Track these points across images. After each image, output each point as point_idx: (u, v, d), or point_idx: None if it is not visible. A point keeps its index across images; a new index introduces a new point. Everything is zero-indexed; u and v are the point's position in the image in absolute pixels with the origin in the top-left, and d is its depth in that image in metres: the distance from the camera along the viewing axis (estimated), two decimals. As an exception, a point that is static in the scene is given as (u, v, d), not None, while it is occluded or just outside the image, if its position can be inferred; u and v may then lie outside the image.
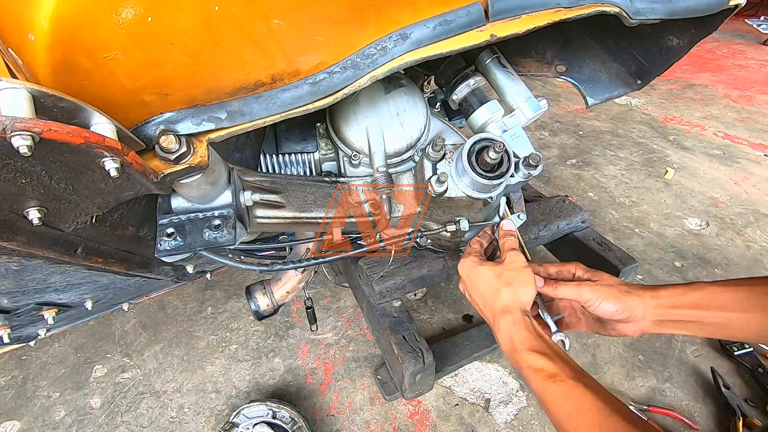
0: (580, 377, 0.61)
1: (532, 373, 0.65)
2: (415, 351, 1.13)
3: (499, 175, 0.80)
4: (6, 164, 0.42)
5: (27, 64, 0.49)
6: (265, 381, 1.38)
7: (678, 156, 2.53)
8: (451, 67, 1.00)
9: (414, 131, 0.96)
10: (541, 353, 0.66)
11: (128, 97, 0.55)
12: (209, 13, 0.53)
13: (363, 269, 1.25)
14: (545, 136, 2.81)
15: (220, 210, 0.72)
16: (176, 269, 0.91)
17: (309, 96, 0.63)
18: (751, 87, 3.44)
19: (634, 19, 0.75)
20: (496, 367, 1.40)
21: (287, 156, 0.98)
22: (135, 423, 1.28)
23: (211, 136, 0.61)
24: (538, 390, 0.64)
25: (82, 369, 1.44)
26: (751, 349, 1.36)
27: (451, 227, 0.95)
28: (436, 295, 1.66)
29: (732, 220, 2.01)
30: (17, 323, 0.80)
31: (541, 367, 0.64)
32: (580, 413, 0.57)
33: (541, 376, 0.63)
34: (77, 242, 0.60)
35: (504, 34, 0.68)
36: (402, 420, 1.26)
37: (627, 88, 1.09)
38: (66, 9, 0.45)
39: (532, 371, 0.65)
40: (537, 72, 1.17)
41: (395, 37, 0.64)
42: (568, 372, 0.62)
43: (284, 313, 1.60)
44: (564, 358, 0.65)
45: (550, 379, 0.62)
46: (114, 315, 1.61)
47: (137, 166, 0.51)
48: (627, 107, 3.16)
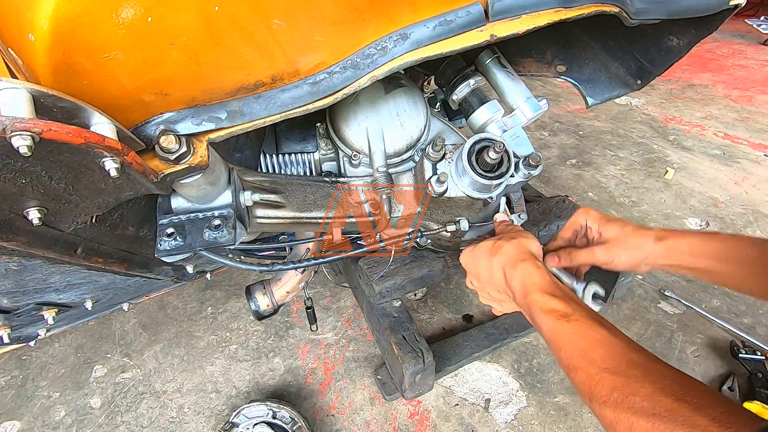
0: (594, 316, 0.59)
1: (543, 314, 0.62)
2: (415, 351, 1.13)
3: (499, 175, 0.80)
4: (6, 164, 0.42)
5: (27, 64, 0.49)
6: (265, 381, 1.38)
7: (678, 156, 2.53)
8: (451, 67, 1.00)
9: (414, 131, 0.96)
10: (553, 295, 0.64)
11: (128, 97, 0.55)
12: (209, 13, 0.53)
13: (363, 269, 1.25)
14: (545, 136, 2.81)
15: (220, 210, 0.72)
16: (176, 269, 0.91)
17: (309, 96, 0.63)
18: (751, 87, 3.44)
19: (634, 19, 0.75)
20: (496, 367, 1.40)
21: (287, 156, 0.98)
22: (135, 423, 1.28)
23: (211, 136, 0.61)
24: (549, 331, 0.61)
25: (82, 369, 1.44)
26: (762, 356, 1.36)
27: (451, 227, 0.95)
28: (436, 295, 1.66)
29: (732, 220, 2.01)
30: (17, 323, 0.80)
31: (553, 308, 0.62)
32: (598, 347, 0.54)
33: (553, 317, 0.61)
34: (77, 242, 0.60)
35: (504, 34, 0.68)
36: (402, 420, 1.26)
37: (627, 88, 1.09)
38: (66, 9, 0.45)
39: (544, 312, 0.62)
40: (537, 72, 1.17)
41: (395, 37, 0.64)
42: (582, 312, 0.60)
43: (284, 313, 1.60)
44: (577, 301, 0.64)
45: (563, 318, 0.60)
46: (114, 315, 1.61)
47: (137, 166, 0.51)
48: (627, 107, 3.16)
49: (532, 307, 0.65)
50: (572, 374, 0.56)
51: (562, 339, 0.59)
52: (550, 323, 0.61)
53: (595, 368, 0.52)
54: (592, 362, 0.53)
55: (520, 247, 0.74)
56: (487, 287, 0.80)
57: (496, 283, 0.76)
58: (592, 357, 0.54)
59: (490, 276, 0.77)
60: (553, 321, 0.61)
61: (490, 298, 0.82)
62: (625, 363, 0.51)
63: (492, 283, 0.77)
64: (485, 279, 0.79)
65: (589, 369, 0.53)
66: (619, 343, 0.54)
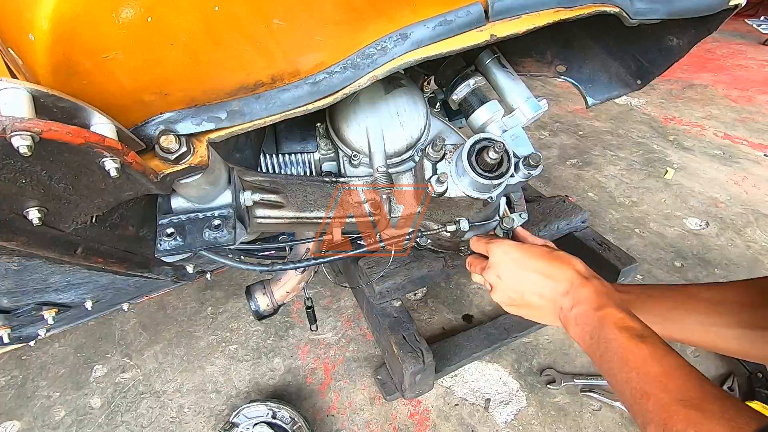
0: (669, 347, 0.57)
1: (617, 329, 0.60)
2: (415, 351, 1.13)
3: (499, 175, 0.80)
4: (6, 164, 0.42)
5: (27, 64, 0.49)
6: (265, 381, 1.38)
7: (678, 156, 2.53)
8: (451, 67, 1.00)
9: (414, 131, 0.96)
10: (629, 314, 0.63)
11: (128, 97, 0.55)
12: (209, 13, 0.53)
13: (363, 269, 1.25)
14: (545, 136, 2.81)
15: (220, 210, 0.72)
16: (176, 269, 0.91)
17: (309, 96, 0.63)
18: (751, 87, 3.44)
19: (634, 20, 0.75)
20: (496, 367, 1.39)
21: (287, 156, 0.98)
22: (135, 423, 1.28)
23: (211, 136, 0.61)
24: (621, 348, 0.58)
25: (82, 369, 1.44)
26: None
27: (451, 227, 0.95)
28: (436, 295, 1.66)
29: (732, 220, 2.01)
30: (17, 323, 0.80)
31: (631, 325, 0.60)
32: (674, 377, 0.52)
33: (628, 334, 0.59)
34: (77, 242, 0.60)
35: (504, 34, 0.68)
36: (402, 420, 1.26)
37: (627, 88, 1.09)
38: (66, 9, 0.45)
39: (618, 328, 0.60)
40: (537, 72, 1.17)
41: (395, 37, 0.64)
42: (658, 337, 0.58)
43: (284, 313, 1.60)
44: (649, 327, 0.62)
45: (639, 338, 0.58)
46: (114, 315, 1.61)
47: (137, 166, 0.51)
48: (627, 107, 3.15)
49: (604, 322, 0.62)
50: (642, 400, 0.53)
51: (636, 359, 0.56)
52: (624, 341, 0.59)
53: (671, 398, 0.50)
54: (667, 390, 0.51)
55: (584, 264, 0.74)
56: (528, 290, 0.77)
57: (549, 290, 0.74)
58: (667, 385, 0.51)
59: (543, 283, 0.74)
60: (628, 339, 0.58)
61: (518, 299, 0.79)
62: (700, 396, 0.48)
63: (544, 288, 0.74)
64: (531, 283, 0.76)
65: (664, 398, 0.50)
66: (696, 374, 0.52)
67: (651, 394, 0.52)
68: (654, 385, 0.52)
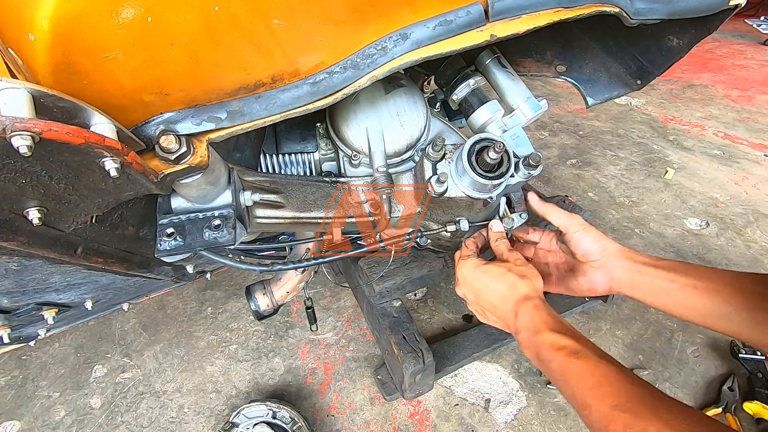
0: (602, 354, 0.61)
1: (554, 351, 0.64)
2: (415, 351, 1.13)
3: (499, 175, 0.80)
4: (6, 164, 0.42)
5: (27, 64, 0.49)
6: (265, 381, 1.38)
7: (678, 156, 2.53)
8: (451, 67, 1.00)
9: (414, 131, 0.96)
10: (562, 333, 0.66)
11: (128, 97, 0.55)
12: (209, 13, 0.53)
13: (363, 269, 1.25)
14: (545, 136, 2.81)
15: (220, 210, 0.72)
16: (176, 269, 0.91)
17: (309, 96, 0.63)
18: (751, 87, 3.44)
19: (634, 20, 0.75)
20: (496, 367, 1.40)
21: (287, 156, 0.98)
22: (135, 423, 1.28)
23: (211, 136, 0.61)
24: (559, 368, 0.63)
25: (82, 369, 1.44)
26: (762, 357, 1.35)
27: (451, 227, 0.95)
28: (436, 295, 1.66)
29: (732, 220, 2.01)
30: (17, 323, 0.80)
31: (564, 344, 0.64)
32: (606, 385, 0.56)
33: (563, 353, 0.63)
34: (77, 242, 0.60)
35: (504, 34, 0.68)
36: (402, 420, 1.26)
37: (627, 88, 1.09)
38: (66, 9, 0.45)
39: (554, 349, 0.64)
40: (537, 72, 1.17)
41: (395, 37, 0.64)
42: (592, 349, 0.62)
43: (284, 313, 1.60)
44: (584, 339, 0.66)
45: (573, 355, 0.62)
46: (114, 315, 1.61)
47: (137, 166, 0.51)
48: (627, 107, 3.15)
49: (541, 346, 0.67)
50: (585, 412, 0.57)
51: (574, 374, 0.60)
52: (560, 360, 0.63)
53: (607, 405, 0.53)
54: (602, 399, 0.55)
55: (533, 286, 0.76)
56: (486, 309, 0.83)
57: (500, 312, 0.79)
58: (602, 394, 0.55)
59: (495, 305, 0.79)
60: (564, 357, 0.62)
61: (482, 314, 0.85)
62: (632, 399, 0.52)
63: (495, 310, 0.80)
64: (486, 303, 0.82)
65: (601, 407, 0.54)
66: (627, 378, 0.56)
67: (591, 405, 0.56)
68: (591, 397, 0.56)
